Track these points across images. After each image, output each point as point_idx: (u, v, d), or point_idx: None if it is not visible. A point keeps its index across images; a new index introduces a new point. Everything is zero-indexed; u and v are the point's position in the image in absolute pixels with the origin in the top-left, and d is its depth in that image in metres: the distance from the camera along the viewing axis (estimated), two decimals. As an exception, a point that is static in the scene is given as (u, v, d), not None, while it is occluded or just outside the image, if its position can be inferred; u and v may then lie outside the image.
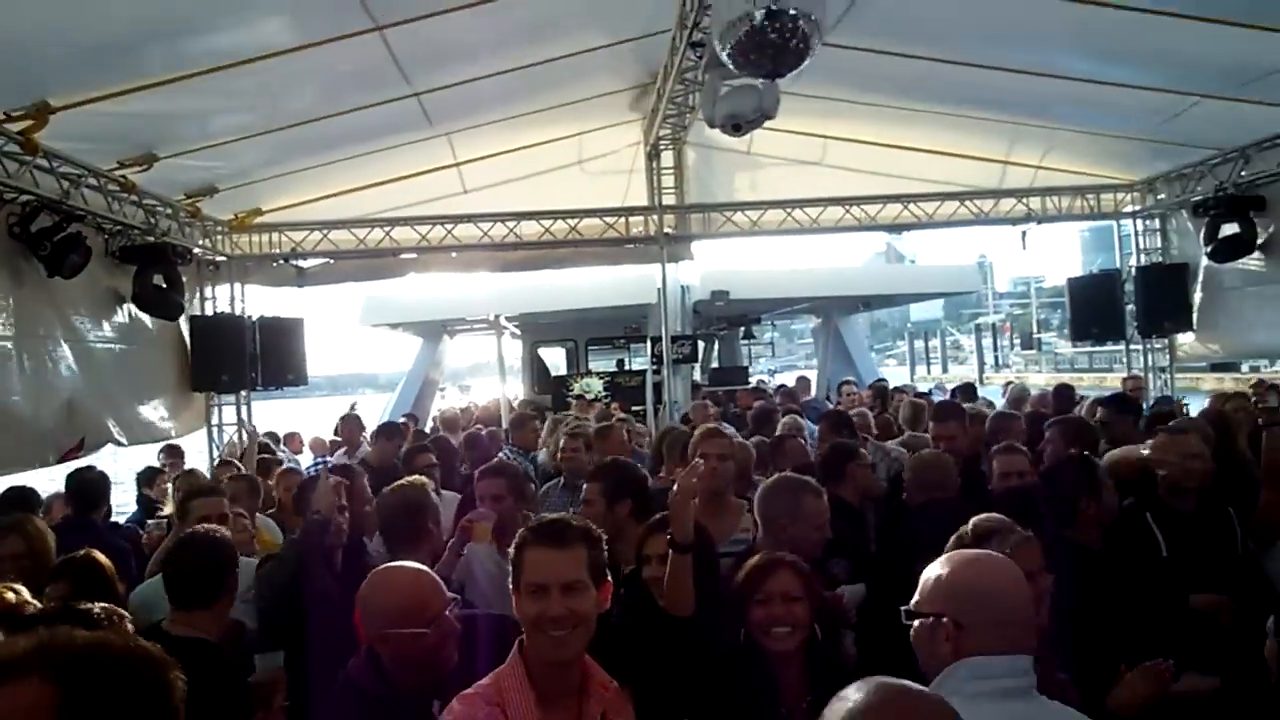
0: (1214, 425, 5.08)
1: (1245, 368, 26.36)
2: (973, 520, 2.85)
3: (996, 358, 50.28)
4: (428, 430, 11.79)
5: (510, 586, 2.37)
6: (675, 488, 3.19)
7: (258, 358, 10.13)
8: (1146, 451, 4.32)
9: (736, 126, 6.96)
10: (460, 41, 6.99)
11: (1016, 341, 54.87)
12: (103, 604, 2.73)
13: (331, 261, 10.90)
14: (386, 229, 10.65)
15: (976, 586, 2.02)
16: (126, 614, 2.81)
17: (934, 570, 2.10)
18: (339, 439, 10.68)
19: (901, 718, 1.41)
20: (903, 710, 1.42)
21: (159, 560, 4.17)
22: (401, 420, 14.04)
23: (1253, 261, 9.47)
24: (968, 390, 10.50)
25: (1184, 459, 4.08)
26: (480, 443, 7.62)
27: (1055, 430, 5.30)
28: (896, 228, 11.42)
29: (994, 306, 74.63)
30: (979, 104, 8.95)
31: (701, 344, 18.66)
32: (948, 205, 11.05)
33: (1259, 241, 9.27)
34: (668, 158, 10.96)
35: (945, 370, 53.69)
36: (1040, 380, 32.21)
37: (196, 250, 9.56)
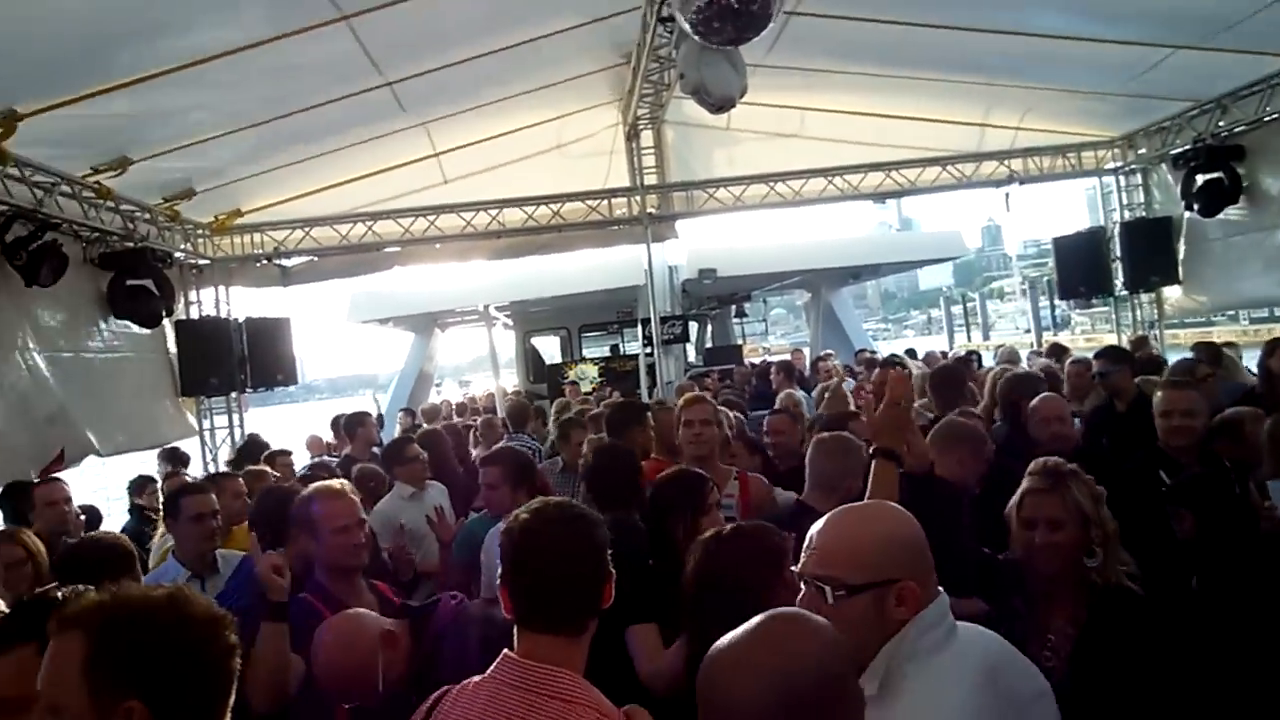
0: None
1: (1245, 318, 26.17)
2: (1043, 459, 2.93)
3: (1054, 317, 44.85)
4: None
5: None
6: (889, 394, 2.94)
7: (246, 360, 10.12)
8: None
9: (720, 108, 6.90)
10: (429, 28, 6.94)
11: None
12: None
13: (315, 259, 10.87)
14: (369, 223, 10.63)
15: (917, 539, 1.93)
16: None
17: (852, 540, 1.92)
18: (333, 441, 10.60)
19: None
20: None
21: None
22: (400, 412, 14.12)
23: (1235, 212, 9.44)
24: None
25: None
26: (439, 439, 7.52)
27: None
28: (879, 195, 11.41)
29: (1014, 268, 74.09)
30: (954, 67, 8.89)
31: (695, 325, 18.69)
32: (930, 171, 11.07)
33: (1240, 191, 9.24)
34: (647, 137, 10.93)
35: (986, 337, 52.18)
36: (1112, 339, 31.18)
37: (178, 254, 9.52)
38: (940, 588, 1.92)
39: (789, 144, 10.88)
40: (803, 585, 1.91)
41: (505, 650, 2.01)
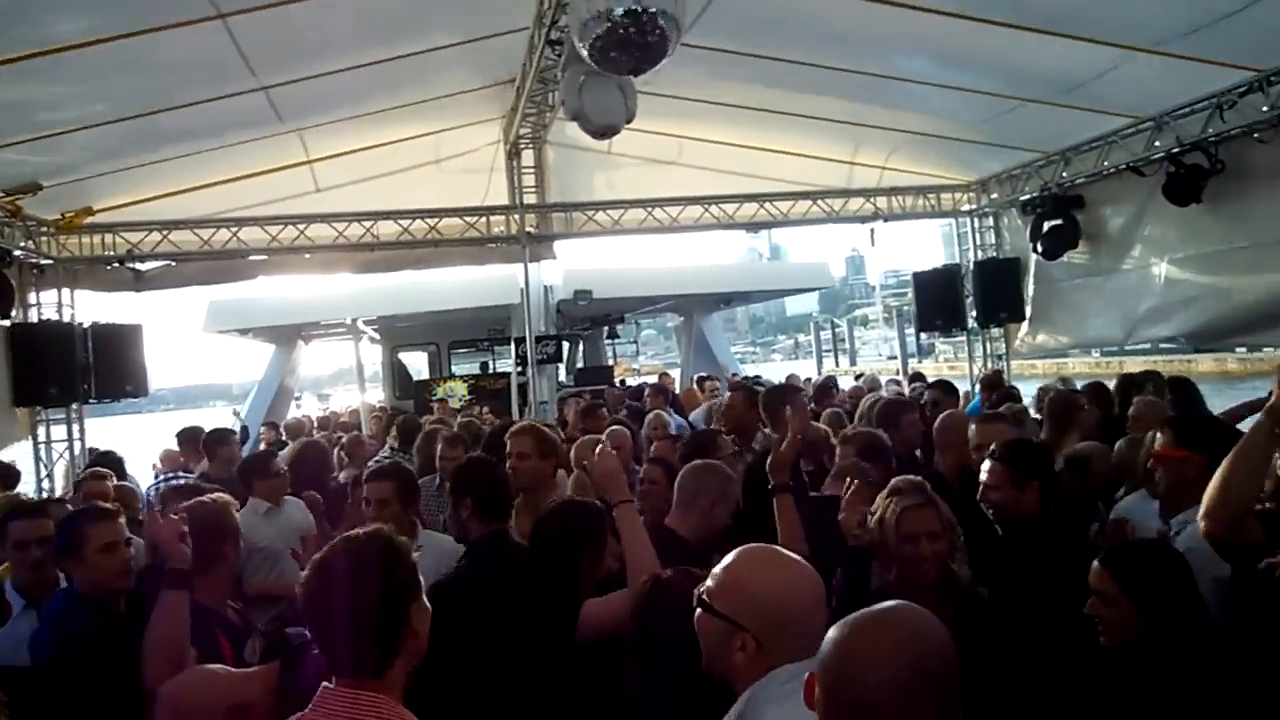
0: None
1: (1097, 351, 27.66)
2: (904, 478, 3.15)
3: (919, 345, 43.57)
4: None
5: None
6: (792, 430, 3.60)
7: (90, 368, 9.45)
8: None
9: (602, 134, 6.97)
10: (309, 33, 6.74)
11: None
12: None
13: (173, 264, 10.30)
14: (233, 229, 10.17)
15: (784, 604, 1.99)
16: None
17: (738, 571, 2.06)
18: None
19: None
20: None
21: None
22: (263, 426, 13.54)
23: (1075, 256, 10.21)
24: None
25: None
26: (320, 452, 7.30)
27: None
28: (753, 226, 11.76)
29: (877, 297, 77.41)
30: (826, 106, 9.27)
31: (567, 345, 18.71)
32: (801, 204, 11.47)
33: (1081, 235, 9.98)
34: (528, 156, 10.92)
35: (853, 363, 53.73)
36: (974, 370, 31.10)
37: (17, 253, 8.83)
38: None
39: (667, 171, 11.07)
40: None
41: (324, 683, 1.99)
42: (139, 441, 13.37)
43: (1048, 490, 3.72)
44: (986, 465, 3.77)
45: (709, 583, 2.07)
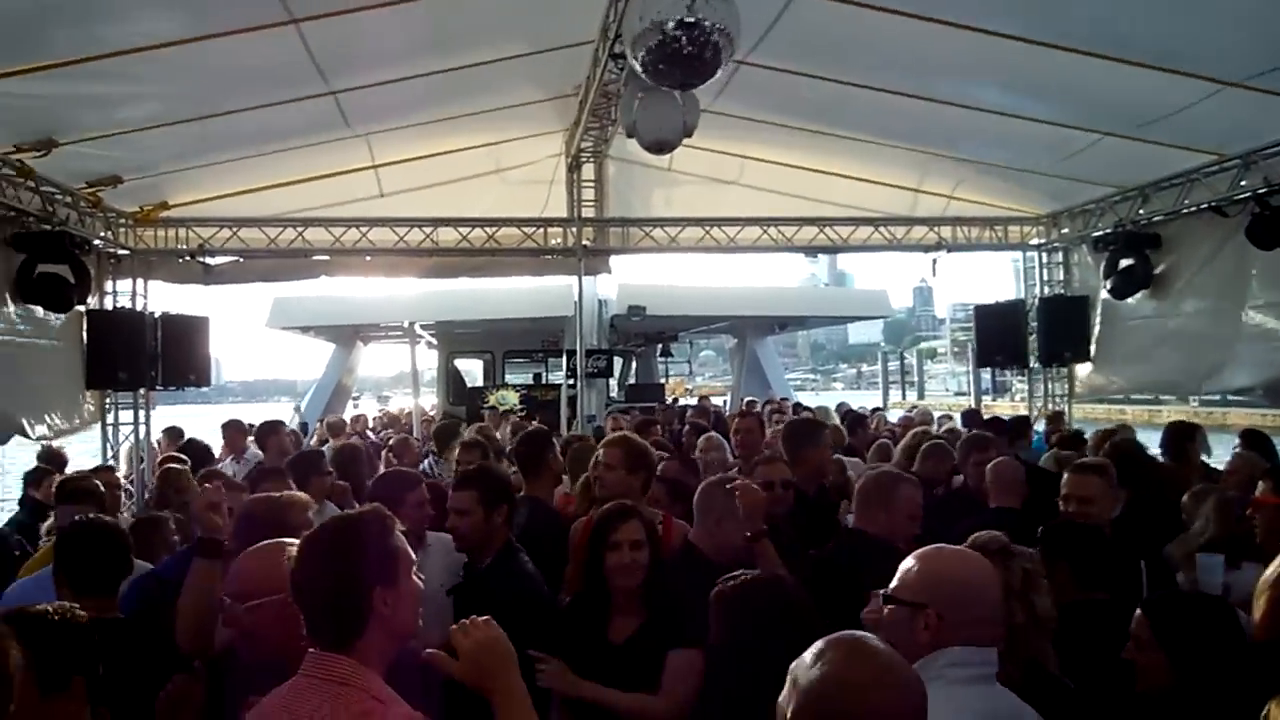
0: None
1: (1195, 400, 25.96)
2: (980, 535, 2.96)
3: (994, 382, 40.40)
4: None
5: None
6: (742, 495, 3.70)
7: (159, 356, 9.75)
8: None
9: (659, 149, 6.99)
10: (379, 41, 6.88)
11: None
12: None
13: (241, 260, 10.59)
14: (299, 229, 10.42)
15: (960, 581, 2.18)
16: None
17: (915, 561, 2.23)
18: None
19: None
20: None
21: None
22: (318, 423, 13.78)
23: (1148, 296, 9.82)
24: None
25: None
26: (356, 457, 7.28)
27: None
28: (812, 249, 11.63)
29: (945, 330, 76.40)
30: (893, 132, 9.15)
31: (619, 360, 18.76)
32: (862, 230, 11.31)
33: (1154, 275, 9.64)
34: (588, 170, 10.98)
35: (920, 397, 52.58)
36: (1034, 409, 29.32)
37: (97, 242, 9.18)
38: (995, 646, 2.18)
39: (727, 190, 11.02)
40: None
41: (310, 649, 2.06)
42: (204, 431, 13.74)
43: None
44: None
45: (894, 582, 2.24)
